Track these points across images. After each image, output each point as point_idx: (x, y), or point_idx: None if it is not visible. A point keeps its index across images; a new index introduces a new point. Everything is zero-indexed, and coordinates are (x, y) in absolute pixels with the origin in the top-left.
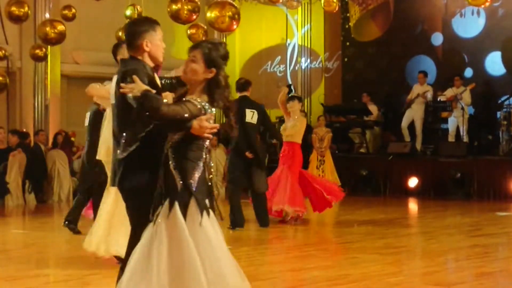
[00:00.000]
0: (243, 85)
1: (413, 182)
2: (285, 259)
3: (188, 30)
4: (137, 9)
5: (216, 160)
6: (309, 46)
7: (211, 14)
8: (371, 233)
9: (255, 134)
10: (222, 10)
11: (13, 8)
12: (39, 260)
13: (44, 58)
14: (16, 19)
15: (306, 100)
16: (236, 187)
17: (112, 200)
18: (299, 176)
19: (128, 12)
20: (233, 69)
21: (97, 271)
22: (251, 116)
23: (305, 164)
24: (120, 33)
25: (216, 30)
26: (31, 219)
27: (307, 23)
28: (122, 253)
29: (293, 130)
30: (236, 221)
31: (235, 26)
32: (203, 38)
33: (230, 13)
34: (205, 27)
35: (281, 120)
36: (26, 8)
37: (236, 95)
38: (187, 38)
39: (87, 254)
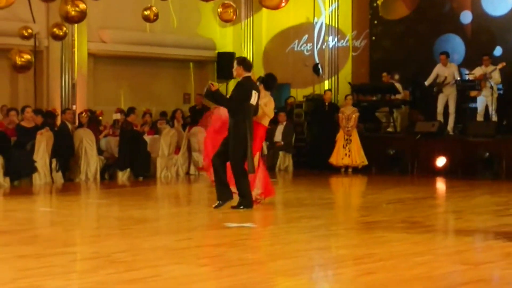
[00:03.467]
0: (251, 64)
1: (441, 161)
2: (311, 238)
3: (219, 9)
4: None
5: None
6: (336, 25)
7: None
8: (398, 212)
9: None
10: None
11: None
12: (66, 238)
13: (63, 37)
14: None
15: (333, 79)
16: None
17: None
18: None
19: None
20: (260, 48)
21: (124, 248)
22: (254, 98)
23: (332, 143)
24: (146, 12)
25: (265, 7)
26: (58, 198)
27: (335, 1)
28: None
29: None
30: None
31: (283, 4)
32: (234, 17)
33: None
34: (234, 5)
35: (308, 99)
36: None
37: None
38: (212, 16)
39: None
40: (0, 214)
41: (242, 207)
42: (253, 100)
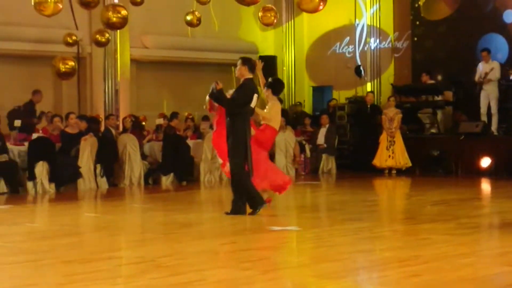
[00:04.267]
0: (254, 66)
1: (485, 162)
2: (355, 240)
3: (260, 13)
4: None
5: (286, 142)
6: (378, 26)
7: None
8: (443, 213)
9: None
10: None
11: None
12: (111, 243)
13: (106, 44)
14: (86, 5)
15: (375, 81)
16: None
17: None
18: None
19: None
20: (302, 51)
21: (169, 253)
22: (255, 101)
23: (375, 145)
24: (188, 17)
25: (303, 11)
26: (103, 203)
27: (376, 3)
28: None
29: (267, 114)
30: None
31: (321, 7)
32: (275, 21)
33: None
34: (275, 8)
35: (351, 101)
36: None
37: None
38: (253, 20)
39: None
40: (46, 219)
41: (257, 209)
42: (254, 104)
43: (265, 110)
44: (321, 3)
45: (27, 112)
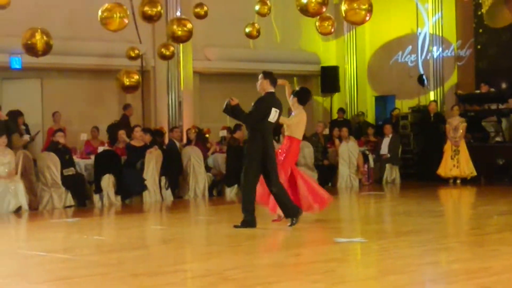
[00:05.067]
0: (276, 80)
1: None
2: (422, 252)
3: (317, 22)
4: (267, 4)
5: (349, 152)
6: (440, 35)
7: (344, 7)
8: (510, 224)
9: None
10: (355, 3)
11: (146, 8)
12: (178, 255)
13: (171, 57)
14: (149, 19)
15: (439, 90)
16: None
17: None
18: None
19: (257, 7)
20: (364, 60)
21: (236, 265)
22: (274, 115)
23: (439, 154)
24: (248, 29)
25: (349, 23)
26: (168, 215)
27: (438, 11)
28: None
29: (289, 121)
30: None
31: (367, 18)
32: (332, 30)
33: (366, 6)
34: (333, 18)
35: (414, 110)
36: (159, 8)
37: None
38: (315, 30)
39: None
40: (113, 232)
41: (243, 225)
42: (272, 118)
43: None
44: (368, 14)
45: (123, 125)
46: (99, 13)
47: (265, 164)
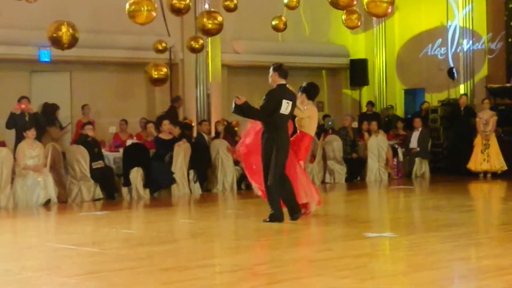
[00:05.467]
0: (286, 72)
1: None
2: (452, 248)
3: (343, 16)
4: None
5: (378, 146)
6: (471, 28)
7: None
8: None
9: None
10: None
11: (175, 1)
12: (207, 249)
13: (200, 50)
14: (178, 12)
15: (469, 83)
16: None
17: None
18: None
19: (285, 0)
20: (393, 53)
21: (265, 260)
22: (286, 107)
23: (469, 148)
24: (274, 22)
25: (372, 16)
26: (197, 209)
27: (468, 3)
28: None
29: (301, 120)
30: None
31: (389, 11)
32: (358, 24)
33: None
34: (359, 11)
35: (443, 104)
36: (188, 1)
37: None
38: (342, 24)
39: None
40: (142, 225)
41: (272, 220)
42: (285, 110)
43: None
44: (390, 7)
45: (172, 117)
46: (127, 6)
47: (273, 155)
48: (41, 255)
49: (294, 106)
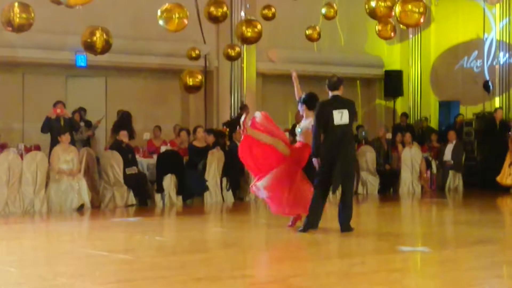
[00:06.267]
0: (336, 83)
1: None
2: (489, 264)
3: (376, 26)
4: (333, 7)
5: (412, 158)
6: (508, 40)
7: (398, 9)
8: None
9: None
10: (410, 5)
11: (212, 9)
12: (240, 260)
13: (236, 58)
14: (215, 19)
15: (504, 96)
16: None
17: None
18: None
19: (324, 10)
20: (428, 65)
21: (299, 272)
22: (339, 117)
23: (502, 163)
24: (308, 32)
25: (403, 25)
26: (229, 217)
27: (506, 16)
28: None
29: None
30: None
31: (421, 21)
32: (392, 35)
33: (420, 9)
34: (393, 22)
35: (478, 117)
36: (225, 8)
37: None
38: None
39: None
40: (174, 233)
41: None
42: (338, 120)
43: (300, 127)
44: (422, 17)
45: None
46: (158, 12)
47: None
48: (75, 261)
49: (351, 115)
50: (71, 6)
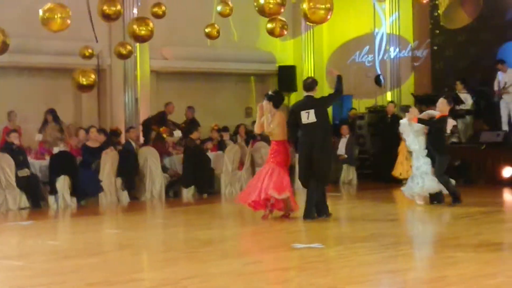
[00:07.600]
0: (309, 84)
1: (508, 172)
2: (380, 259)
3: (268, 24)
4: (229, 5)
5: None
6: (398, 34)
7: (304, 6)
8: (467, 228)
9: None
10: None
11: (105, 7)
12: (134, 263)
13: (128, 56)
14: (108, 18)
15: (395, 90)
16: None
17: None
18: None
19: (219, 8)
20: (321, 60)
21: (192, 274)
22: (306, 116)
23: (396, 156)
24: (207, 30)
25: (309, 22)
26: (124, 218)
27: (395, 11)
28: None
29: (270, 128)
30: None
31: (329, 17)
32: (283, 32)
33: (327, 5)
34: (285, 20)
35: (371, 111)
36: (118, 7)
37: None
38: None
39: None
40: (68, 236)
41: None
42: (305, 120)
43: (267, 123)
44: (328, 13)
45: (159, 121)
46: (40, 13)
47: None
48: None
49: (315, 112)
50: None
